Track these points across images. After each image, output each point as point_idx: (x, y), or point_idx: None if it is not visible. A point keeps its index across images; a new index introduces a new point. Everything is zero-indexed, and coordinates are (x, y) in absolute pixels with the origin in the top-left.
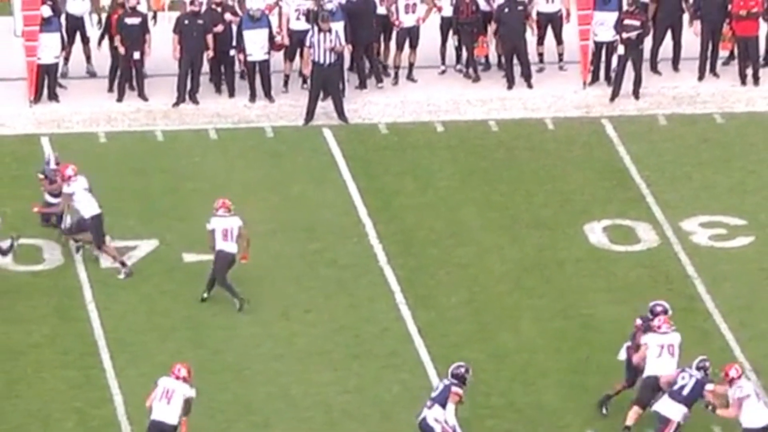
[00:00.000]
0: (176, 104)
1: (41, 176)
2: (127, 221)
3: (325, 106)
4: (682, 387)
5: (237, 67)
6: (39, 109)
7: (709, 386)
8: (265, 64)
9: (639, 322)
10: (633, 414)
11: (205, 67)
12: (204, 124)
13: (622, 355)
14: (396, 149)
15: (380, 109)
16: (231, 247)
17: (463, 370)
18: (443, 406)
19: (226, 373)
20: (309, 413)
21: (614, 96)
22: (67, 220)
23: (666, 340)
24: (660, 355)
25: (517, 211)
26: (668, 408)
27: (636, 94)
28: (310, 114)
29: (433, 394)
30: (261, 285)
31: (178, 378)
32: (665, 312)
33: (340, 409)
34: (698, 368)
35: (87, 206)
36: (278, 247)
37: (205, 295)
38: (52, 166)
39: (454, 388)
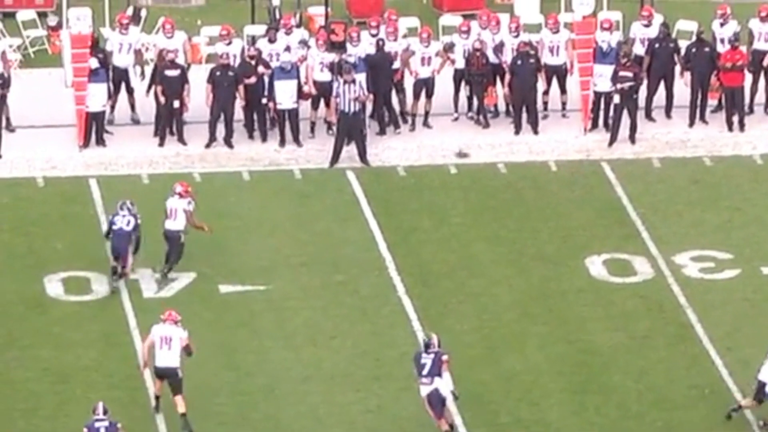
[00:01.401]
0: (208, 145)
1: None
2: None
3: (348, 150)
4: None
5: (268, 115)
6: (88, 153)
7: None
8: (294, 112)
9: None
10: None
11: (239, 115)
12: (238, 166)
13: (764, 375)
14: (413, 190)
15: (399, 153)
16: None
17: (434, 338)
18: (440, 375)
19: (258, 394)
20: (334, 430)
21: (612, 141)
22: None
23: None
24: None
25: (523, 246)
26: None
27: (632, 139)
28: (335, 157)
29: (425, 371)
30: (291, 313)
31: (174, 323)
32: None
33: (363, 427)
34: None
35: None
36: (306, 279)
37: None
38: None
39: (443, 357)
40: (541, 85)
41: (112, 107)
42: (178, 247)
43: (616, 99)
